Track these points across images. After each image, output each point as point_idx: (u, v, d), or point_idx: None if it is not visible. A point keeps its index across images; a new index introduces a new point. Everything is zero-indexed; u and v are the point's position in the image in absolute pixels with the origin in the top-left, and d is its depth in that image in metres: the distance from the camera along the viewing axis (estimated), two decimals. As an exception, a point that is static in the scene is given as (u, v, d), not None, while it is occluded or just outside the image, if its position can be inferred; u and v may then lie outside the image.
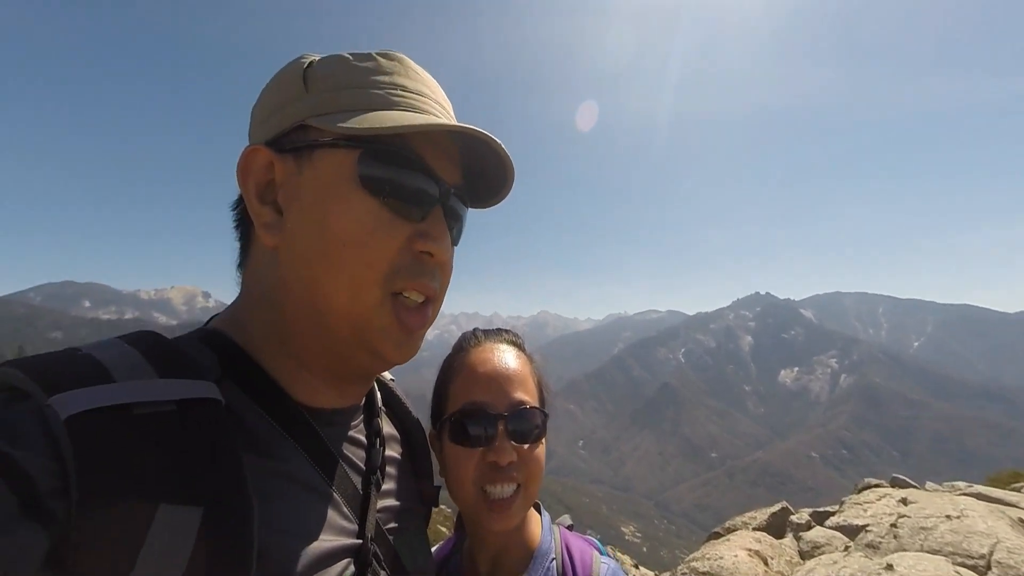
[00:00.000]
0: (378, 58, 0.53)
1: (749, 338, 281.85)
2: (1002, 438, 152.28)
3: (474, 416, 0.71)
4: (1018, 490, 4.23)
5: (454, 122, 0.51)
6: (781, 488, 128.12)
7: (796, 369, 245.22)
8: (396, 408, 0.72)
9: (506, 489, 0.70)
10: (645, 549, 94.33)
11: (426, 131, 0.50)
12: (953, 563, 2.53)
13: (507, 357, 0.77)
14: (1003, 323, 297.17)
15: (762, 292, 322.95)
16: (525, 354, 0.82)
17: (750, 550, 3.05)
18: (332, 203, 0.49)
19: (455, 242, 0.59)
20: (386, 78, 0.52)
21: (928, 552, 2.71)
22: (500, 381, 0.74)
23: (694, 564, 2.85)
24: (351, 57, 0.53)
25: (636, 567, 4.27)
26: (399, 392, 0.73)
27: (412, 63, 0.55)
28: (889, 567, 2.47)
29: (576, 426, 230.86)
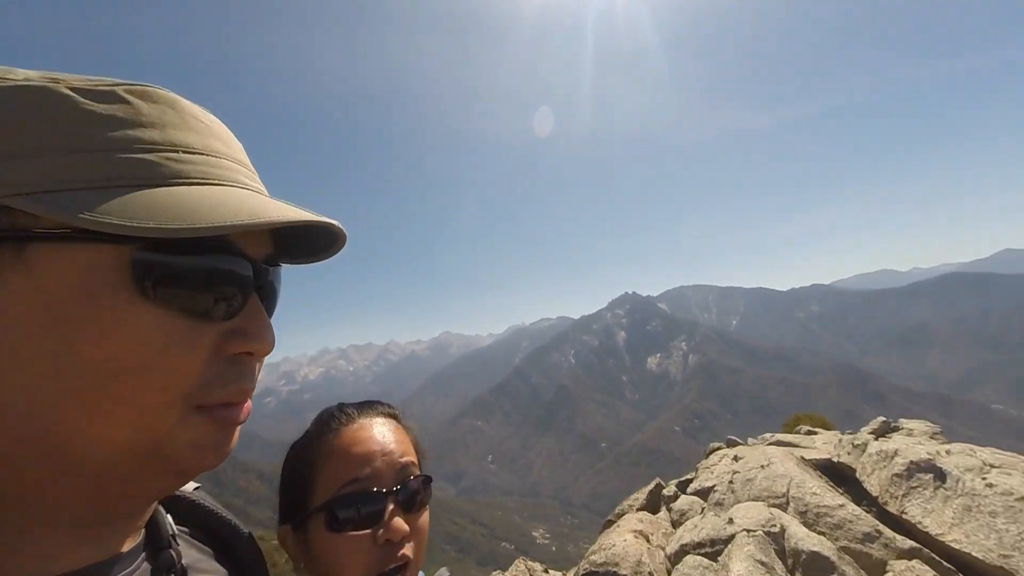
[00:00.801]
0: (130, 98, 0.32)
1: (623, 333, 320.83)
2: (788, 390, 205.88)
3: (357, 497, 0.62)
4: (798, 432, 5.32)
5: (295, 212, 0.35)
6: (655, 464, 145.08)
7: (659, 355, 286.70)
8: (205, 520, 0.53)
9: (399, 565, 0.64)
10: (554, 548, 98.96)
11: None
12: (768, 505, 3.17)
13: (386, 431, 0.68)
14: (781, 298, 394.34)
15: (629, 292, 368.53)
16: (403, 425, 0.73)
17: (635, 531, 3.28)
18: (84, 325, 0.30)
19: (271, 315, 0.42)
20: (155, 133, 0.32)
21: (752, 500, 3.33)
22: (383, 455, 0.65)
23: (592, 557, 2.97)
24: (75, 94, 0.30)
25: (546, 571, 4.17)
26: (208, 503, 0.54)
27: (187, 103, 0.35)
28: (731, 520, 2.97)
29: (485, 441, 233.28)
